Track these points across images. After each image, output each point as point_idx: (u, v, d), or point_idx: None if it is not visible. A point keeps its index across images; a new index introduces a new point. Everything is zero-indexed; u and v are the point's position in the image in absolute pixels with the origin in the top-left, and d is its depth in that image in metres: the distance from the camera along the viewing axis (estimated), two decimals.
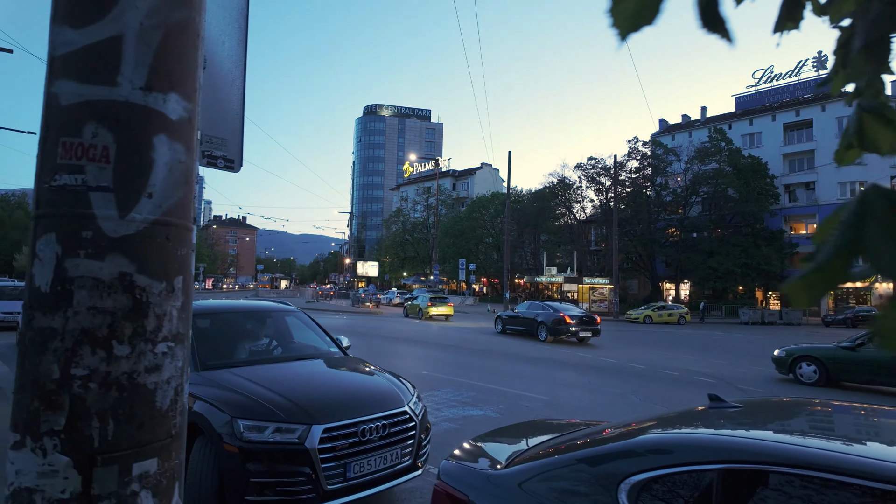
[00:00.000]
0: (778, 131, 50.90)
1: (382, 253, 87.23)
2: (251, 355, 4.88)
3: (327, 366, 4.88)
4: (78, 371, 1.07)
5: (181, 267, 1.21)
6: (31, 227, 1.15)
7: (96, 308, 1.09)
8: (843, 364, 10.79)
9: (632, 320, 34.99)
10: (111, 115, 1.11)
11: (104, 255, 1.09)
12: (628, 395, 9.34)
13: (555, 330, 18.64)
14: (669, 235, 50.23)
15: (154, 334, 1.15)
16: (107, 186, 1.10)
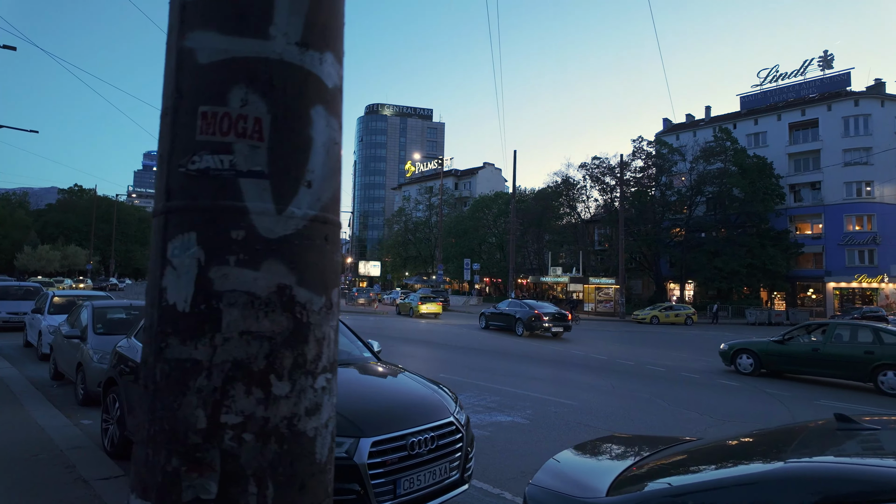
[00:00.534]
0: (783, 131, 50.65)
1: (384, 252, 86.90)
2: None
3: (364, 373, 4.62)
4: (230, 418, 0.80)
5: (336, 276, 0.95)
6: (157, 223, 0.87)
7: (251, 333, 0.81)
8: (774, 356, 12.24)
9: (638, 321, 34.71)
10: (264, 77, 0.84)
11: (259, 262, 0.82)
12: (655, 399, 9.08)
13: (530, 325, 20.33)
14: (674, 235, 49.97)
15: (314, 364, 0.88)
16: (261, 171, 0.83)
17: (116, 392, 5.32)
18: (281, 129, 0.85)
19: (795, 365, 12.08)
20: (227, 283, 0.82)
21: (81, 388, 7.36)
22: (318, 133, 0.90)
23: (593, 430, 6.75)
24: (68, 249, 63.21)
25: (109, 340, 7.71)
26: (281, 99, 0.86)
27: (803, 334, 12.65)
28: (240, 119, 0.83)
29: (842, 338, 11.68)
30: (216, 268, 0.82)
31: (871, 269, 44.63)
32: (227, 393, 0.81)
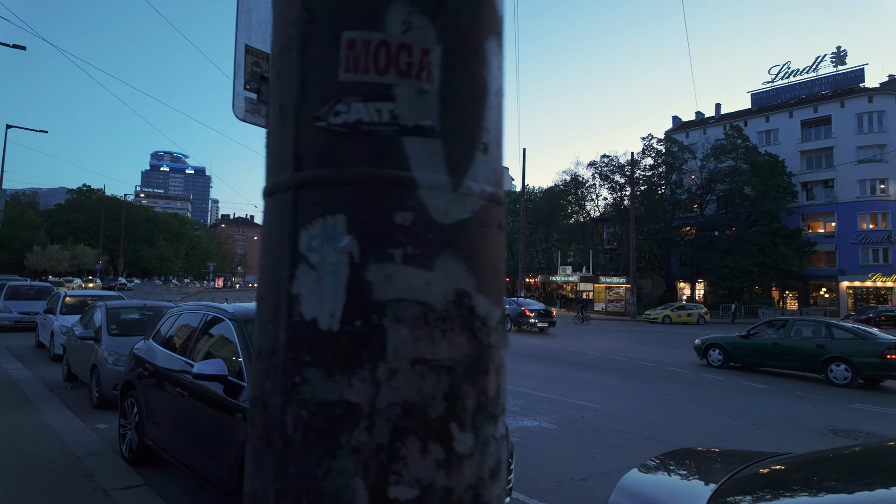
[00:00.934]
0: (795, 128, 50.02)
1: None
2: None
3: None
4: (402, 491, 0.58)
5: (503, 275, 0.68)
6: (279, 203, 0.61)
7: (426, 362, 0.59)
8: (740, 350, 13.30)
9: (650, 320, 34.36)
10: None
11: (433, 259, 0.59)
12: (682, 402, 8.81)
13: (517, 321, 21.44)
14: (685, 234, 49.50)
15: (495, 405, 0.63)
16: (431, 128, 0.60)
17: (134, 396, 5.12)
18: (453, 67, 0.61)
19: (759, 358, 13.03)
20: (393, 290, 0.57)
21: (96, 391, 7.19)
22: (492, 77, 0.65)
23: (626, 437, 6.50)
24: (77, 249, 63.46)
25: (124, 342, 7.53)
26: (453, 24, 0.61)
27: (767, 329, 13.48)
28: (402, 50, 0.59)
29: (800, 333, 12.59)
30: (376, 266, 0.56)
31: (886, 268, 44.00)
32: (396, 452, 0.58)
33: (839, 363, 11.34)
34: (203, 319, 4.79)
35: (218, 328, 4.61)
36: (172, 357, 4.77)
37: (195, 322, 4.91)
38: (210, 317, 4.74)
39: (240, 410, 3.63)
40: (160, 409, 4.72)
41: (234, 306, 4.74)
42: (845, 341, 11.63)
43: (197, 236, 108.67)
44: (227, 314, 4.54)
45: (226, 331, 4.44)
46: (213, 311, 4.77)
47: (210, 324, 4.69)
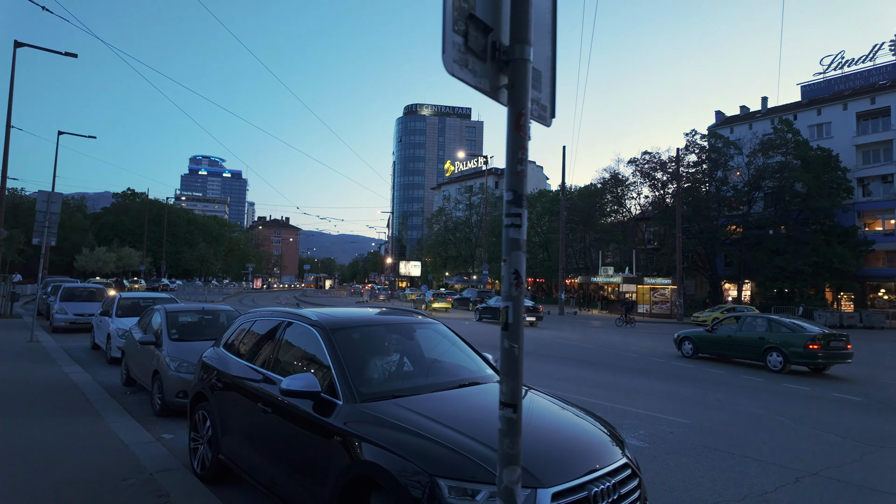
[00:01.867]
0: (850, 121, 47.51)
1: (424, 253, 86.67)
2: (405, 380, 3.95)
3: (494, 392, 3.89)
4: None
5: None
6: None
7: None
8: (705, 342, 15.45)
9: (699, 323, 32.93)
10: None
11: None
12: (774, 416, 8.05)
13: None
14: (730, 233, 47.60)
15: None
16: None
17: (207, 409, 4.79)
18: None
19: (718, 349, 15.04)
20: None
21: (158, 398, 6.95)
22: None
23: (730, 458, 5.85)
24: (123, 251, 65.48)
25: (185, 347, 7.30)
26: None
27: (727, 325, 15.36)
28: None
29: (748, 327, 14.39)
30: None
31: None
32: None
33: (775, 352, 13.38)
34: (282, 327, 4.41)
35: (299, 337, 4.22)
36: (250, 368, 4.40)
37: (272, 329, 4.54)
38: (289, 324, 4.36)
39: (339, 434, 3.21)
40: (237, 424, 4.36)
41: (316, 312, 4.35)
42: (780, 334, 13.54)
43: (235, 238, 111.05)
44: (309, 321, 4.15)
45: (310, 340, 4.04)
46: (293, 317, 4.38)
47: (290, 332, 4.31)
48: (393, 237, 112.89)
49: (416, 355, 4.28)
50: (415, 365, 4.16)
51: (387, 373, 3.96)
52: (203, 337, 7.80)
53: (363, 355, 3.97)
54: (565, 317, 35.04)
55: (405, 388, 3.67)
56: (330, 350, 3.76)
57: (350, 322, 4.25)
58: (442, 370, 4.18)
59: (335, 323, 4.09)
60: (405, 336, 4.40)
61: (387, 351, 4.19)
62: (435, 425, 3.03)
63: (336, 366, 3.63)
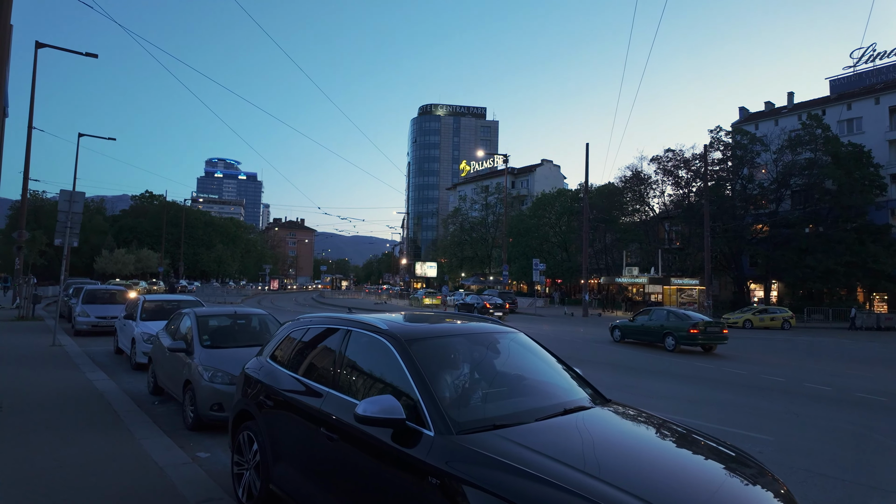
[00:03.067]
0: (883, 115, 45.94)
1: (439, 253, 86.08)
2: (499, 403, 3.29)
3: (613, 422, 3.19)
4: None
5: None
6: None
7: None
8: (628, 329, 19.30)
9: (730, 325, 31.83)
10: None
11: None
12: (866, 433, 7.25)
13: (482, 311, 28.38)
14: (756, 232, 46.27)
15: None
16: None
17: (253, 430, 4.19)
18: None
19: (636, 335, 18.93)
20: None
21: (191, 411, 6.39)
22: None
23: (842, 485, 5.10)
24: (141, 253, 65.83)
25: (219, 355, 6.74)
26: None
27: (642, 316, 19.29)
28: None
29: (657, 316, 18.43)
30: None
31: None
32: None
33: (670, 336, 17.27)
34: (343, 336, 3.78)
35: (366, 349, 3.60)
36: (307, 385, 3.78)
37: (331, 339, 3.92)
38: (351, 332, 3.73)
39: (435, 474, 2.57)
40: (293, 450, 3.74)
41: (383, 319, 3.72)
42: (673, 321, 17.54)
43: (251, 240, 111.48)
44: (377, 330, 3.52)
45: (380, 353, 3.41)
46: (355, 325, 3.76)
47: (354, 342, 3.69)
48: (408, 238, 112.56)
49: (503, 372, 3.63)
50: (505, 384, 3.51)
51: (477, 395, 3.31)
52: (237, 343, 7.24)
53: (448, 373, 3.33)
54: (589, 318, 34.15)
55: (505, 415, 3.02)
56: (409, 366, 3.13)
57: (427, 332, 3.61)
58: (535, 390, 3.52)
59: (410, 332, 3.46)
60: (489, 348, 3.75)
61: (472, 367, 3.54)
62: (564, 469, 2.37)
63: (419, 386, 2.99)
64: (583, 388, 3.61)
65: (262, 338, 7.66)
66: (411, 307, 40.21)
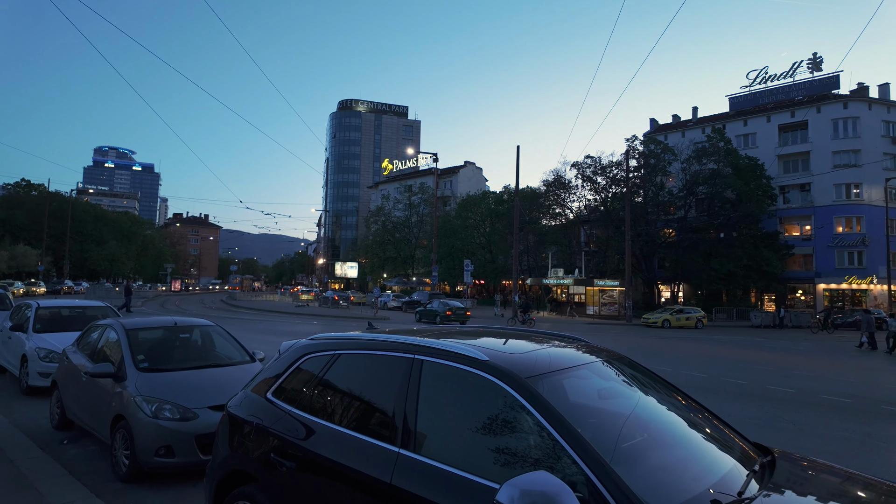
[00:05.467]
0: (773, 132, 50.73)
1: (360, 253, 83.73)
2: (685, 477, 2.34)
3: None
4: None
5: None
6: None
7: None
8: (422, 313, 29.87)
9: (649, 324, 33.37)
10: None
11: None
12: (867, 439, 7.17)
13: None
14: (666, 236, 49.26)
15: None
16: None
17: (254, 496, 2.93)
18: None
19: (426, 318, 28.48)
20: None
21: (126, 456, 4.85)
22: None
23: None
24: (16, 249, 57.65)
25: (162, 380, 5.26)
26: None
27: (422, 305, 26.90)
28: None
29: (433, 306, 26.90)
30: None
31: (861, 271, 45.02)
32: None
33: (438, 317, 27.74)
34: (409, 371, 2.65)
35: (455, 389, 2.53)
36: (361, 442, 2.60)
37: (385, 372, 2.78)
38: (425, 365, 2.63)
39: None
40: None
41: (477, 347, 2.61)
42: (437, 307, 28.36)
43: (149, 236, 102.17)
44: (473, 361, 2.45)
45: (486, 396, 2.36)
46: (433, 354, 2.64)
47: (431, 379, 2.58)
48: (326, 237, 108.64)
49: (642, 417, 2.67)
50: (649, 434, 2.54)
51: (651, 459, 2.33)
52: (183, 364, 5.72)
53: (602, 424, 2.34)
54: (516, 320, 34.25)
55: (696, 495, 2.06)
56: (552, 420, 2.11)
57: (544, 362, 2.59)
58: (693, 445, 2.57)
59: (525, 365, 2.44)
60: (611, 380, 2.79)
61: (618, 411, 2.57)
62: None
63: (582, 453, 1.98)
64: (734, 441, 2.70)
65: (212, 356, 6.19)
66: (349, 311, 38.26)
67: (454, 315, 28.80)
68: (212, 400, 5.01)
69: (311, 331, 21.81)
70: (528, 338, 3.24)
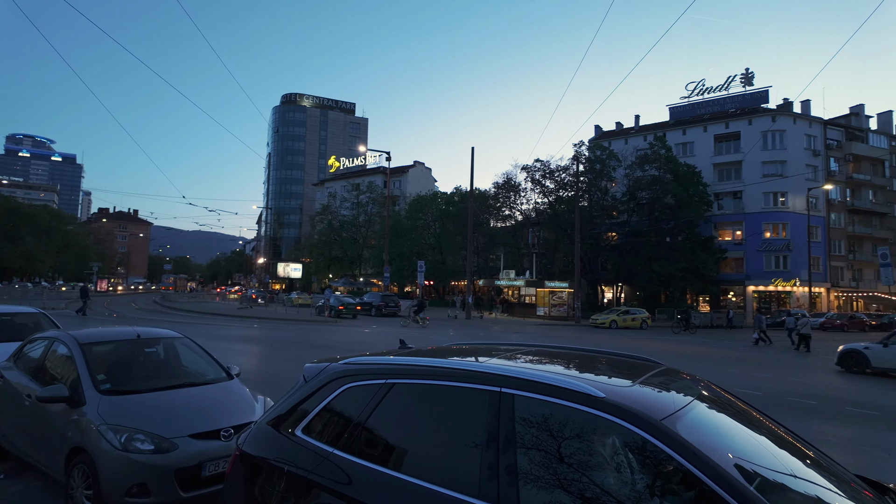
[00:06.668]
0: (709, 142, 53.45)
1: (304, 253, 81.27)
2: None
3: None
4: None
5: None
6: None
7: None
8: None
9: (597, 325, 34.16)
10: None
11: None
12: (861, 446, 7.31)
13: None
14: (609, 240, 50.82)
15: None
16: None
17: None
18: None
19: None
20: None
21: (87, 498, 4.08)
22: None
23: None
24: None
25: (130, 404, 4.55)
26: None
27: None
28: None
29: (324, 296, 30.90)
30: None
31: (786, 274, 48.23)
32: None
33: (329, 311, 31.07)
34: (496, 408, 2.18)
35: (562, 432, 2.10)
36: (452, 501, 2.11)
37: (464, 405, 2.31)
38: (517, 400, 2.18)
39: None
40: None
41: (589, 379, 2.18)
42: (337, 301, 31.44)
43: (71, 232, 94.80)
44: (587, 399, 2.03)
45: (616, 442, 1.96)
46: (527, 387, 2.19)
47: (528, 418, 2.14)
48: (267, 235, 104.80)
49: (762, 448, 2.33)
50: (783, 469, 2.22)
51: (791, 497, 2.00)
52: (152, 384, 4.95)
53: (740, 465, 1.97)
54: (472, 321, 34.18)
55: None
56: (703, 468, 1.77)
57: (668, 401, 2.19)
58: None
59: (653, 405, 2.06)
60: (719, 412, 2.43)
61: (741, 447, 2.21)
62: None
63: (741, 500, 1.65)
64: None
65: (184, 373, 5.44)
66: (297, 313, 36.72)
67: (347, 310, 32.36)
68: (192, 427, 4.32)
69: (263, 336, 20.64)
70: (602, 360, 2.86)
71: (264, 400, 5.17)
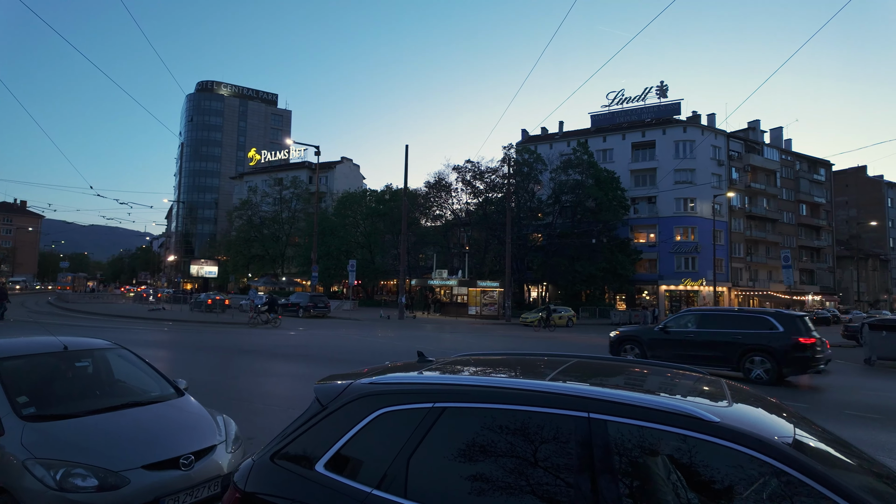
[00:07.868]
0: (627, 149, 56.48)
1: (220, 250, 76.79)
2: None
3: None
4: None
5: None
6: None
7: None
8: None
9: (527, 323, 34.90)
10: None
11: None
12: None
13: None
14: (535, 241, 52.31)
15: None
16: None
17: None
18: None
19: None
20: None
21: None
22: None
23: None
24: None
25: (63, 432, 3.82)
26: None
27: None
28: None
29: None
30: None
31: (694, 274, 51.99)
32: None
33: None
34: (585, 435, 1.89)
35: (675, 459, 1.84)
36: None
37: (540, 433, 1.99)
38: (609, 427, 1.90)
39: None
40: None
41: (695, 401, 1.94)
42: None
43: None
44: (697, 422, 1.81)
45: (741, 471, 1.73)
46: (618, 412, 1.91)
47: (621, 448, 1.87)
48: (178, 231, 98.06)
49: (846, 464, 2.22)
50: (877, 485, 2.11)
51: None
52: (88, 406, 4.17)
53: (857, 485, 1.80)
54: (405, 321, 33.74)
55: None
56: (840, 492, 1.60)
57: (780, 423, 2.02)
58: None
59: (770, 428, 1.88)
60: (797, 426, 2.29)
61: (838, 464, 2.06)
62: None
63: None
64: None
65: (125, 391, 4.67)
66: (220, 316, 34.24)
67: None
68: (144, 456, 3.66)
69: (185, 340, 18.98)
70: (664, 373, 2.65)
71: (224, 419, 4.56)
